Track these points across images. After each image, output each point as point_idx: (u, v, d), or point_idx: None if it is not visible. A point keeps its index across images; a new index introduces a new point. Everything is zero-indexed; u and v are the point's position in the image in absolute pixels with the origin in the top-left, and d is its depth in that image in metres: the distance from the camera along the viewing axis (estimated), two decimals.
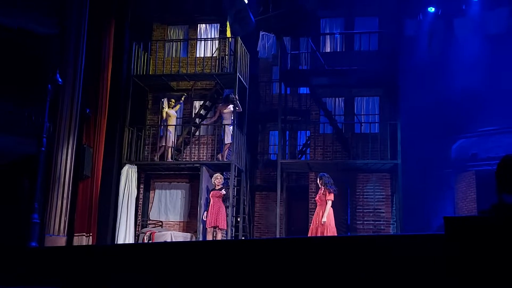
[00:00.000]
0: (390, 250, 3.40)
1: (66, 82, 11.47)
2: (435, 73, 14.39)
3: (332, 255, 3.61)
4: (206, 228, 12.33)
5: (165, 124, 13.89)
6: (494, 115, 13.87)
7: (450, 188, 15.28)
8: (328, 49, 15.37)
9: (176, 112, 14.23)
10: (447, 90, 14.19)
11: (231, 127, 13.44)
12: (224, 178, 14.39)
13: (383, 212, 14.31)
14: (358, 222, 14.38)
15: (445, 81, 14.26)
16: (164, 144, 13.75)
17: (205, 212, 12.41)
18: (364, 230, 14.20)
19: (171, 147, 13.82)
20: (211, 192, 12.34)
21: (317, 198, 10.89)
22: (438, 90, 14.32)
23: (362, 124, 14.57)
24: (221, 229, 12.14)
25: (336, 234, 10.83)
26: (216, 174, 12.48)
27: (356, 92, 15.01)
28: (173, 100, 14.20)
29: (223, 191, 12.39)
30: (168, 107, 14.02)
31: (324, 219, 10.47)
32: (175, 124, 14.06)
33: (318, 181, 11.07)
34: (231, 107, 13.53)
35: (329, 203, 10.52)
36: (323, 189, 10.68)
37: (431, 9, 14.79)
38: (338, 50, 15.18)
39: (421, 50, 14.67)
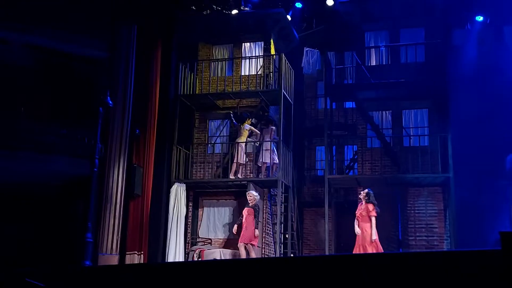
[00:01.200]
0: (445, 267, 3.30)
1: (116, 104, 11.80)
2: (486, 83, 14.00)
3: (385, 271, 3.54)
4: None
5: (237, 140, 13.86)
6: None
7: (506, 201, 14.73)
8: (373, 62, 15.22)
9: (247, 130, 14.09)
10: (498, 100, 13.77)
11: (272, 152, 13.55)
12: (271, 195, 14.39)
13: (436, 227, 13.92)
14: (410, 238, 14.04)
15: (496, 91, 13.86)
16: (236, 161, 13.81)
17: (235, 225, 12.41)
18: (417, 246, 13.84)
19: (242, 163, 13.86)
20: (246, 209, 12.25)
21: (359, 214, 10.82)
22: (489, 100, 13.92)
23: (411, 137, 14.29)
24: (252, 245, 12.00)
25: (382, 250, 10.72)
26: (249, 191, 12.46)
27: (403, 105, 14.77)
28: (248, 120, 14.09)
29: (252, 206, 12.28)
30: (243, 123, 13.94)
31: (374, 236, 10.35)
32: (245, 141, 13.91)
33: (362, 196, 10.98)
34: (270, 129, 13.62)
35: (374, 219, 10.51)
36: (364, 204, 10.68)
37: (479, 18, 14.45)
38: (384, 63, 15.00)
39: (470, 60, 14.32)
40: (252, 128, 13.82)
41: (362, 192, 11.33)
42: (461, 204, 13.23)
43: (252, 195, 12.27)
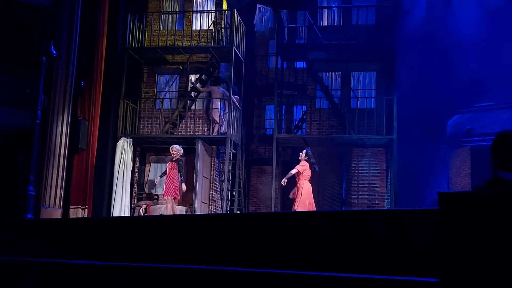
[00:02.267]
0: (384, 225, 3.42)
1: (60, 54, 11.36)
2: (433, 48, 14.32)
3: (326, 229, 3.64)
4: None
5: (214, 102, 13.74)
6: (490, 90, 13.86)
7: (445, 164, 15.36)
8: (325, 23, 15.22)
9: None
10: (444, 65, 14.14)
11: (220, 110, 13.50)
12: (219, 152, 14.41)
13: (378, 187, 14.39)
14: (353, 196, 14.47)
15: (442, 56, 14.21)
16: (217, 122, 13.71)
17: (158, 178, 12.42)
18: (359, 205, 14.30)
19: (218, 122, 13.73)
20: (169, 163, 12.43)
21: (301, 172, 11.07)
22: (435, 65, 14.27)
23: (359, 99, 14.54)
24: (174, 199, 12.24)
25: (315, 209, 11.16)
26: (173, 146, 12.53)
27: (353, 67, 14.94)
28: None
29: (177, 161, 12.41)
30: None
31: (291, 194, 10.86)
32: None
33: (303, 156, 11.20)
34: (220, 89, 13.56)
35: (294, 171, 11.24)
36: (305, 164, 10.97)
37: None
38: (335, 24, 15.04)
39: (418, 24, 14.56)
40: (225, 91, 13.69)
41: (301, 153, 11.54)
42: (403, 165, 13.69)
43: (176, 149, 12.41)
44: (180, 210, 13.07)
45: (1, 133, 11.32)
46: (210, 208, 13.96)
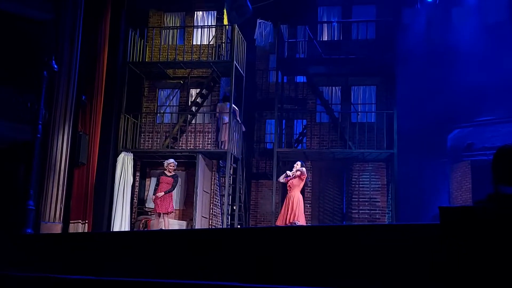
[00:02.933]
0: (385, 240, 3.40)
1: (61, 68, 11.39)
2: (433, 62, 14.36)
3: (327, 243, 3.62)
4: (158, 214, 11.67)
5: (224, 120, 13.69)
6: (490, 105, 13.86)
7: (446, 178, 15.31)
8: (325, 38, 15.31)
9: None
10: (444, 80, 14.16)
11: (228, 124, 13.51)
12: (220, 166, 14.39)
13: (379, 202, 14.35)
14: (353, 211, 14.43)
15: (442, 71, 14.23)
16: (224, 139, 13.66)
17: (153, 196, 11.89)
18: (360, 219, 14.24)
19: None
20: (161, 178, 11.72)
21: (291, 183, 10.98)
22: (435, 79, 14.30)
23: (359, 113, 14.56)
24: (167, 214, 11.64)
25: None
26: (169, 160, 11.89)
27: (353, 81, 14.99)
28: None
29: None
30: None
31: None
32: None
33: (298, 167, 11.04)
34: (228, 106, 13.51)
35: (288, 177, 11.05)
36: (298, 175, 10.87)
37: None
38: (335, 39, 15.13)
39: (418, 39, 14.63)
40: (234, 106, 13.67)
41: (295, 164, 11.40)
42: (403, 180, 13.66)
43: (174, 164, 11.86)
44: (180, 224, 13.02)
45: (2, 147, 11.31)
46: (210, 223, 13.91)
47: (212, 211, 14.05)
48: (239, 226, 13.93)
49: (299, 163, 11.27)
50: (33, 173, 10.11)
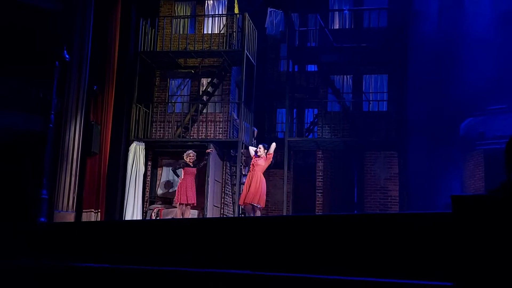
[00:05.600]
0: (397, 228, 3.40)
1: (73, 58, 11.45)
2: (445, 50, 14.21)
3: (338, 232, 3.62)
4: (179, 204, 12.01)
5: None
6: (503, 93, 13.72)
7: (458, 167, 15.20)
8: (336, 26, 15.19)
9: None
10: (456, 68, 14.02)
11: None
12: (231, 156, 14.41)
13: (390, 190, 14.31)
14: (365, 200, 14.40)
15: (454, 59, 14.09)
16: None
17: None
18: (371, 208, 14.22)
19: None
20: (185, 169, 12.10)
21: (255, 162, 10.86)
22: (447, 67, 14.16)
23: (370, 102, 14.47)
24: (190, 205, 11.97)
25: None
26: (189, 151, 12.29)
27: (364, 70, 14.88)
28: None
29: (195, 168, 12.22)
30: None
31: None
32: None
33: (261, 149, 10.91)
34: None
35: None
36: (264, 156, 10.71)
37: None
38: (347, 27, 15.00)
39: (430, 26, 14.46)
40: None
41: (258, 148, 11.18)
42: (415, 169, 13.59)
43: (193, 154, 12.13)
44: (192, 213, 13.09)
45: (15, 138, 11.42)
46: (222, 212, 13.97)
47: (224, 200, 14.10)
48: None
49: (261, 146, 11.08)
50: (46, 162, 10.21)
